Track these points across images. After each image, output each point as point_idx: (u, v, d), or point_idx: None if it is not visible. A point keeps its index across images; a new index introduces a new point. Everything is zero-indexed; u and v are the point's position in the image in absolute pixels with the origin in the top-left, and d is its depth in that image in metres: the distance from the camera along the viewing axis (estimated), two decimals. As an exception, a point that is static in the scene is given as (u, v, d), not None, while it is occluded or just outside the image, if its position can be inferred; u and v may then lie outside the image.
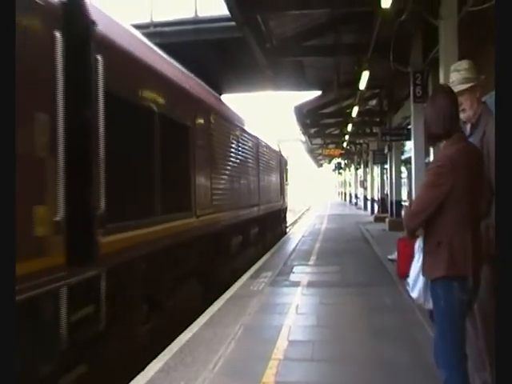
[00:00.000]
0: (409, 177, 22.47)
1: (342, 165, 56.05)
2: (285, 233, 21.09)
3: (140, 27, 12.28)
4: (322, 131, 32.41)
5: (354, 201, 47.75)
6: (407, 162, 24.27)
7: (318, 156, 54.77)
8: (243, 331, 6.20)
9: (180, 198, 7.07)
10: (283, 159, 20.67)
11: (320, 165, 74.43)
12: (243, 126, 11.92)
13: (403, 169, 25.02)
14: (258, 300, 7.87)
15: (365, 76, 13.93)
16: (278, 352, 5.35)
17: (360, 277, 9.87)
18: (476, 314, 3.51)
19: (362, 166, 38.67)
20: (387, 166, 25.03)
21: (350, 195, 53.38)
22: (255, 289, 8.77)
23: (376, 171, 30.73)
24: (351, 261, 12.02)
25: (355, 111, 20.35)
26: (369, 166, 33.82)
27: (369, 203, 34.32)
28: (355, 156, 42.52)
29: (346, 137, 30.08)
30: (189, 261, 7.66)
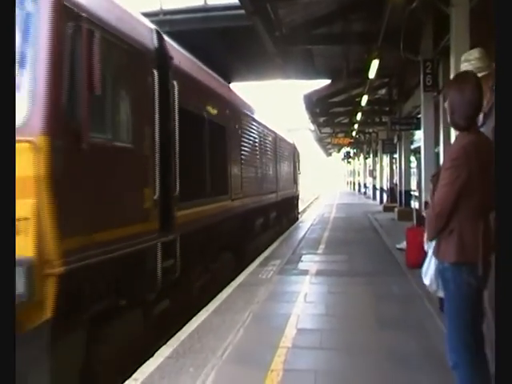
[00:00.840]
0: (418, 166, 22.40)
1: (351, 154, 55.83)
2: (297, 218, 22.56)
3: (150, 15, 12.28)
4: (331, 120, 32.26)
5: (363, 190, 47.59)
6: (417, 152, 24.17)
7: (327, 145, 54.62)
8: (252, 319, 6.23)
9: (221, 185, 8.82)
10: (296, 151, 22.48)
11: (329, 154, 74.20)
12: (264, 123, 13.67)
13: (412, 158, 24.91)
14: (267, 288, 7.90)
15: (374, 65, 13.84)
16: (287, 340, 5.38)
17: (369, 266, 9.87)
18: (486, 306, 3.49)
19: (371, 156, 38.49)
20: (396, 156, 24.91)
21: (359, 184, 53.21)
22: (264, 277, 8.80)
23: (385, 161, 30.63)
24: (360, 250, 12.02)
25: (365, 100, 20.23)
26: (378, 156, 33.65)
27: (378, 193, 34.22)
28: (364, 145, 42.29)
29: (356, 126, 29.93)
30: (226, 235, 9.35)
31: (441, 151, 13.14)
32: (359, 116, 25.13)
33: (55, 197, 3.80)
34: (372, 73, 14.61)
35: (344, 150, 56.35)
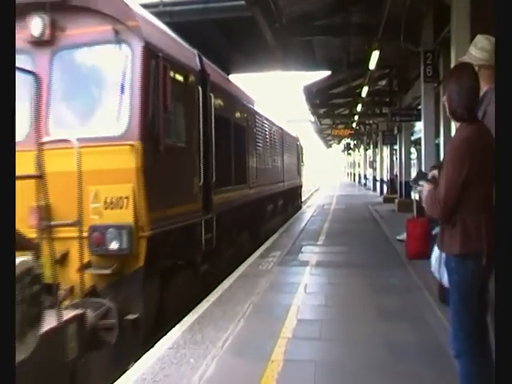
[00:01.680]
0: (418, 158, 22.40)
1: (352, 145, 55.77)
2: (300, 206, 24.24)
3: (149, 6, 12.23)
4: (332, 111, 32.21)
5: (363, 181, 47.60)
6: (417, 143, 24.16)
7: (328, 136, 54.51)
8: (252, 310, 6.26)
9: (242, 175, 10.46)
10: (299, 144, 24.32)
11: (329, 145, 74.14)
12: (273, 121, 15.44)
13: (413, 150, 24.88)
14: (267, 279, 7.93)
15: (375, 56, 13.82)
16: (287, 331, 5.41)
17: (369, 257, 9.90)
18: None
19: (372, 147, 38.47)
20: (397, 147, 24.89)
21: (359, 176, 53.20)
22: (264, 268, 8.83)
23: (385, 152, 30.59)
24: (360, 241, 12.05)
25: (365, 91, 20.19)
26: (378, 147, 33.64)
27: (378, 184, 34.23)
28: (364, 137, 42.25)
29: (356, 117, 29.90)
30: (244, 218, 10.99)
31: (441, 143, 13.14)
32: (359, 107, 25.10)
33: (145, 182, 5.40)
34: (372, 64, 14.58)
35: (344, 142, 56.33)
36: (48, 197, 3.69)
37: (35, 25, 5.66)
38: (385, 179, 30.71)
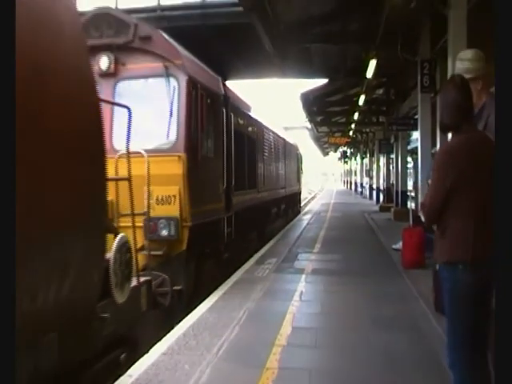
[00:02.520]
0: (415, 167, 22.44)
1: (348, 153, 55.87)
2: (299, 211, 25.94)
3: (147, 11, 12.26)
4: (329, 119, 32.27)
5: (360, 190, 47.64)
6: (413, 152, 24.20)
7: (324, 144, 54.61)
8: (248, 316, 6.24)
9: (253, 181, 12.35)
10: (299, 153, 26.84)
11: (326, 153, 74.26)
12: (277, 132, 17.65)
13: (409, 159, 24.92)
14: (263, 286, 7.91)
15: (372, 64, 13.86)
16: (282, 338, 5.39)
17: (364, 266, 9.89)
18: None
19: (368, 155, 38.53)
20: (393, 156, 24.94)
21: (356, 184, 53.27)
22: (260, 275, 8.82)
23: (382, 161, 30.64)
24: (356, 249, 12.05)
25: (362, 100, 20.24)
26: (375, 156, 33.70)
27: (374, 192, 34.25)
28: (361, 145, 42.33)
29: (353, 125, 29.97)
30: (254, 218, 12.50)
31: (437, 152, 13.15)
32: (356, 115, 25.14)
33: (188, 185, 7.11)
34: (369, 72, 14.63)
35: (341, 150, 56.45)
36: (132, 193, 5.00)
37: (103, 61, 7.26)
38: (381, 188, 30.74)
